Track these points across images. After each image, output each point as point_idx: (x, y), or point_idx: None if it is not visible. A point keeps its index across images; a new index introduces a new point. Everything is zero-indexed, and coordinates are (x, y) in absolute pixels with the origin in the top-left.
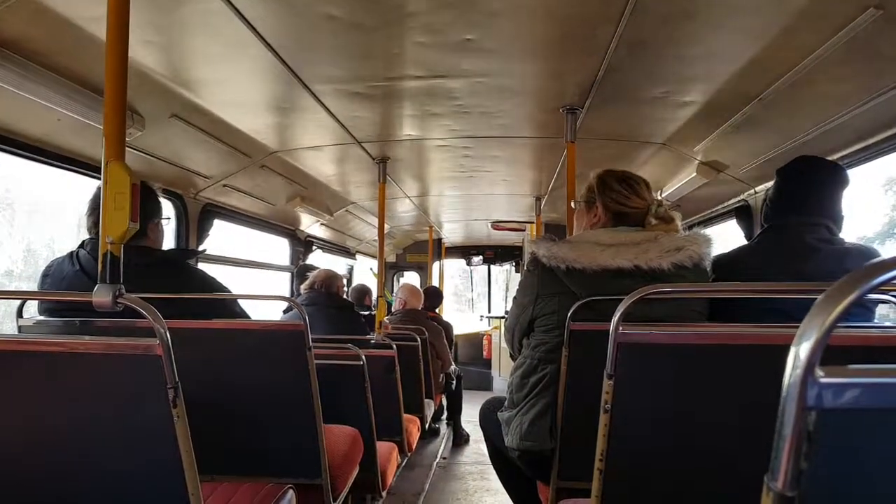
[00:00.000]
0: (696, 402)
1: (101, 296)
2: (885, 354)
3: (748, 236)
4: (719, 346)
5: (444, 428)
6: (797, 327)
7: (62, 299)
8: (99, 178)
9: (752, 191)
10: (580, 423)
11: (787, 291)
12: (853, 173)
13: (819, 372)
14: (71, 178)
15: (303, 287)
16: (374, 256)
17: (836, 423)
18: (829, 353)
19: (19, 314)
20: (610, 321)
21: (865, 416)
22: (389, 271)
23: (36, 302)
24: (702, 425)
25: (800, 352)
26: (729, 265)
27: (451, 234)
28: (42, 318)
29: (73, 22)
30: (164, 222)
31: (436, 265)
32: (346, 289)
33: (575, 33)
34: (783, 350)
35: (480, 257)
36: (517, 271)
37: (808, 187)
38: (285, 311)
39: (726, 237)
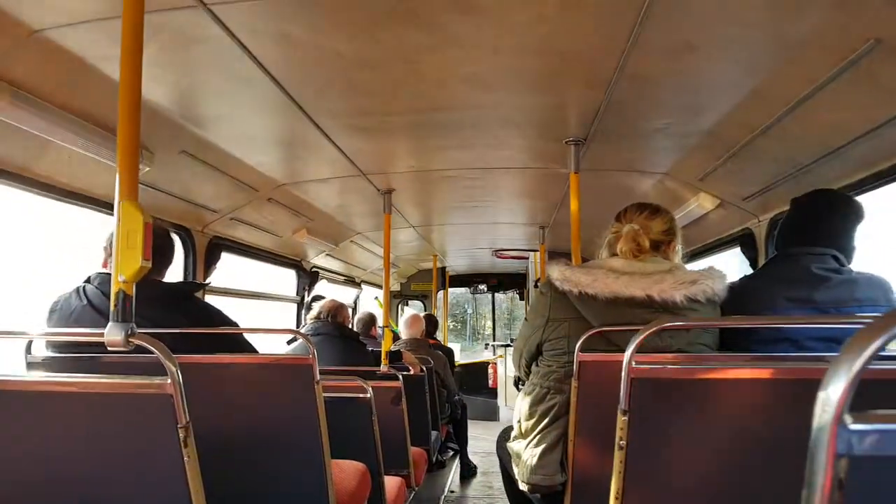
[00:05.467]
0: (715, 440)
1: (113, 334)
2: None
3: (753, 265)
4: (738, 381)
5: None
6: (818, 359)
7: (75, 339)
8: (106, 213)
9: (755, 220)
10: (592, 458)
11: (803, 323)
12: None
13: (848, 418)
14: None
15: (308, 317)
16: (378, 286)
17: (868, 469)
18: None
19: (28, 351)
20: (620, 350)
21: None
22: (394, 300)
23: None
24: (722, 464)
25: (828, 397)
26: (736, 294)
27: (455, 262)
28: (49, 354)
29: (85, 61)
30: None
31: (440, 294)
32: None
33: (577, 68)
34: (805, 385)
35: (485, 285)
36: (521, 299)
37: (817, 218)
38: (289, 343)
39: (728, 265)
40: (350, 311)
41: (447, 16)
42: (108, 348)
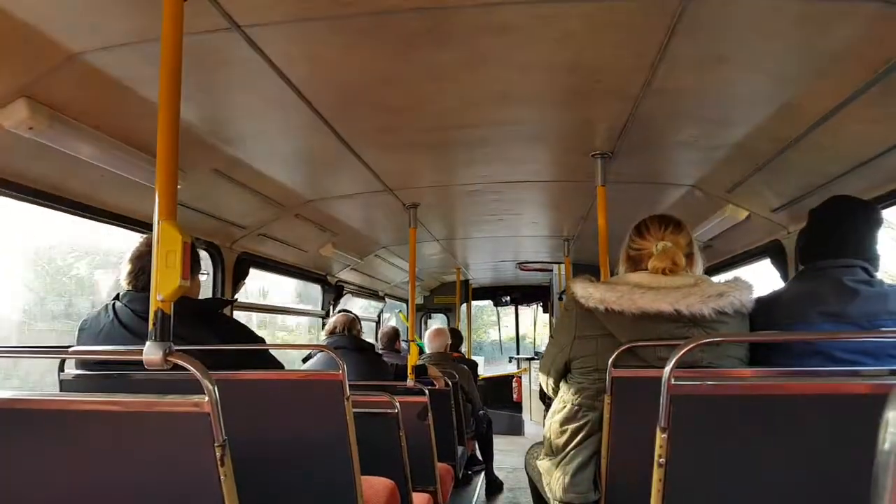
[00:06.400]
0: (760, 457)
1: (151, 354)
2: None
3: (783, 277)
4: (781, 396)
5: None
6: (855, 373)
7: (113, 358)
8: (139, 231)
9: (784, 231)
10: (627, 475)
11: (840, 338)
12: (890, 213)
13: None
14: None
15: (324, 332)
16: (401, 299)
17: None
18: None
19: (61, 368)
20: (651, 366)
21: None
22: (417, 313)
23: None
24: (768, 482)
25: (892, 420)
26: (767, 307)
27: (479, 275)
28: (80, 371)
29: (122, 83)
30: (202, 276)
31: (463, 307)
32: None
33: (605, 83)
34: (851, 400)
35: (508, 297)
36: (545, 311)
37: (842, 228)
38: (304, 360)
39: (758, 277)
40: (374, 325)
41: (476, 35)
42: (148, 368)
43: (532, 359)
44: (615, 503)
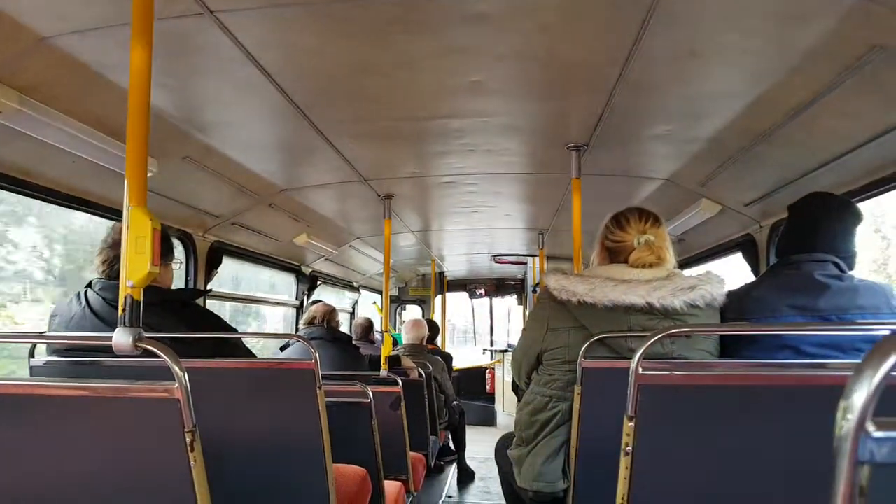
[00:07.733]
0: (723, 446)
1: (121, 339)
2: None
3: (754, 271)
4: (744, 387)
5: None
6: (821, 366)
7: (82, 343)
8: (111, 218)
9: (757, 225)
10: (595, 464)
11: (809, 331)
12: (864, 208)
13: (871, 426)
14: None
15: (302, 322)
16: (376, 290)
17: (891, 477)
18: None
19: (31, 354)
20: (621, 357)
21: None
22: (391, 305)
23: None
24: (731, 470)
25: (851, 404)
26: (739, 301)
27: (454, 267)
28: (51, 358)
29: (93, 68)
30: (175, 265)
31: (437, 298)
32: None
33: (580, 75)
34: (813, 391)
35: (483, 290)
36: (520, 304)
37: (816, 224)
38: (283, 349)
39: (729, 271)
40: (348, 316)
41: (451, 24)
42: (118, 353)
43: (505, 350)
44: (583, 491)
